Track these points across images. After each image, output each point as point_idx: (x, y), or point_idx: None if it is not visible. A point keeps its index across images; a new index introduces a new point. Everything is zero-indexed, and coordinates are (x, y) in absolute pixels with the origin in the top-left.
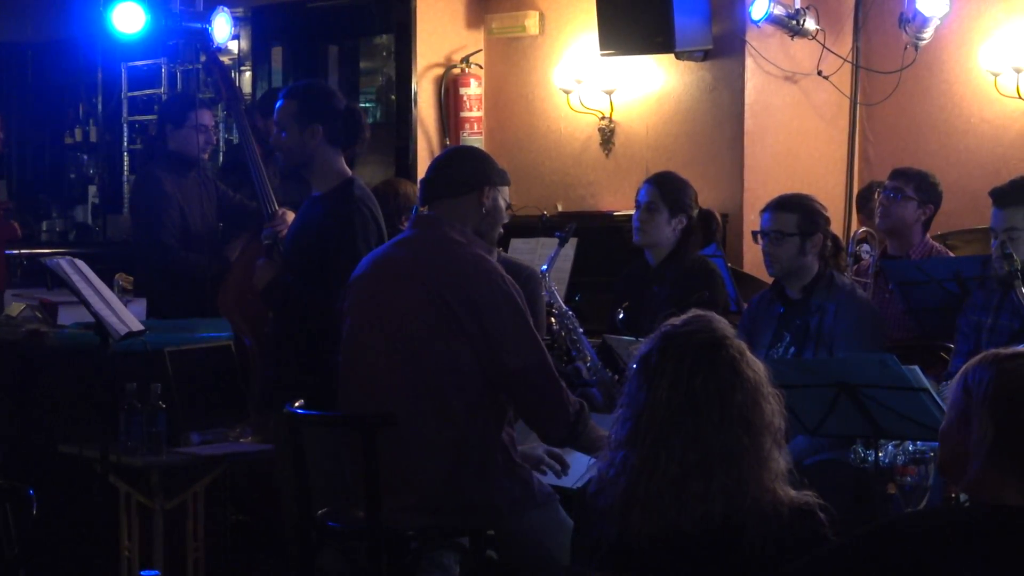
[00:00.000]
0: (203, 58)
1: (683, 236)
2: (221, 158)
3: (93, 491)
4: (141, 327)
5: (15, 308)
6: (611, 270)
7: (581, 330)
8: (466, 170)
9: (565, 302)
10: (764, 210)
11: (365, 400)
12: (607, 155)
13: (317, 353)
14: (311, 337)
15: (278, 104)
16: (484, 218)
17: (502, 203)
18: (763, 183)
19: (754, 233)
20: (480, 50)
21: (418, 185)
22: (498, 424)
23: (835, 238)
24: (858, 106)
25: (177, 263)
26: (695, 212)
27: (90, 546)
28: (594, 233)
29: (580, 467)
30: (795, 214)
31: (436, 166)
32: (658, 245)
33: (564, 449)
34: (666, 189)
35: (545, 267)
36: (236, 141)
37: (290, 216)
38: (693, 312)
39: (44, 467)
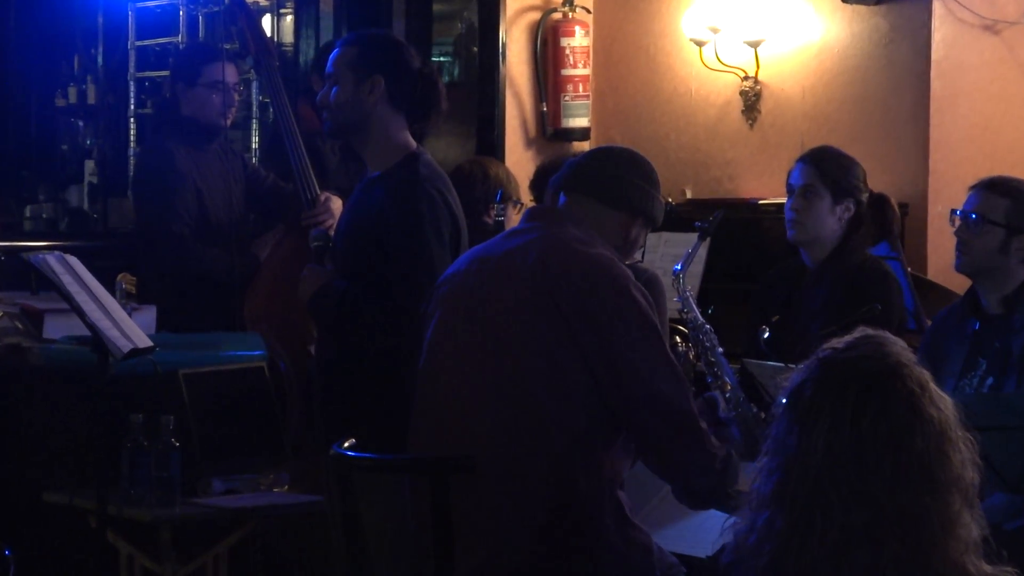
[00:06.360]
0: None
1: (850, 228)
2: (256, 134)
3: (87, 552)
4: (150, 343)
5: None
6: (755, 275)
7: (720, 350)
8: (633, 186)
9: None
10: (972, 187)
11: (439, 434)
12: (751, 126)
13: (378, 380)
14: (369, 359)
15: (333, 53)
16: (618, 248)
17: (641, 242)
18: (954, 164)
19: (952, 212)
20: None
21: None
22: (612, 472)
23: None
24: None
25: (193, 260)
26: (865, 196)
27: None
28: (733, 227)
29: (711, 531)
30: (1008, 200)
31: (600, 157)
32: (819, 241)
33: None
34: (826, 168)
35: (678, 267)
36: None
37: (336, 204)
38: (861, 331)
39: (25, 520)
